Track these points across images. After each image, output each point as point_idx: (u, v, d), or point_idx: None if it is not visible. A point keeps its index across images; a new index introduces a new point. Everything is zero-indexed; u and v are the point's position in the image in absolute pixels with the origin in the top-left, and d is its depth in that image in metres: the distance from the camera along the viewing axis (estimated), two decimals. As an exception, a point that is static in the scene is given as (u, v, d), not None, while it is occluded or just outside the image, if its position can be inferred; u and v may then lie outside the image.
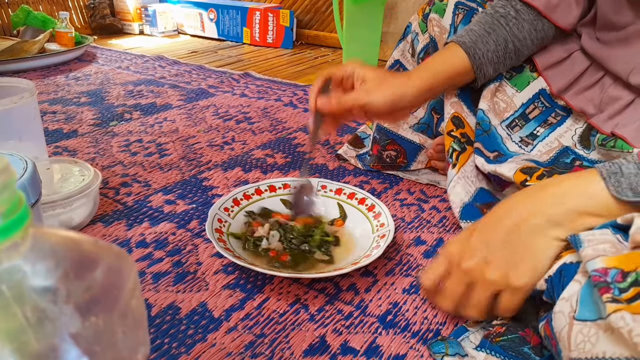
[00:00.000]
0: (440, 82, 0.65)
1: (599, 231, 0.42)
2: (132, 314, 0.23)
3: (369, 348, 0.50)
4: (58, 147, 0.98)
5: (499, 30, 0.64)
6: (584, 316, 0.37)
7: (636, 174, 0.42)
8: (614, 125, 0.57)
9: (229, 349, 0.49)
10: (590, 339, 0.36)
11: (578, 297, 0.38)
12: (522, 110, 0.66)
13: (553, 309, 0.41)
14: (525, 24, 0.63)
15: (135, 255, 0.64)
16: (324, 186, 0.73)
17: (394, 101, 0.63)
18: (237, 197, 0.70)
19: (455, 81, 0.66)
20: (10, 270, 0.20)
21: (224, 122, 1.15)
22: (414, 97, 0.64)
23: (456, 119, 0.68)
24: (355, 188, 0.72)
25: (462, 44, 0.64)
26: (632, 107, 0.57)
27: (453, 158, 0.68)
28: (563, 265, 0.43)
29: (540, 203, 0.46)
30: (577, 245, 0.41)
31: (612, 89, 0.59)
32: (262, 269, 0.56)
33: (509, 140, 0.66)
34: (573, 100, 0.63)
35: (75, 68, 1.62)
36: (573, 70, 0.64)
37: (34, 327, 0.20)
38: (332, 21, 2.00)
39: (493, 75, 0.67)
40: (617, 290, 0.35)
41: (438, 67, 0.65)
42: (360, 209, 0.69)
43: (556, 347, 0.40)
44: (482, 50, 0.63)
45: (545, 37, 0.65)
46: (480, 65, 0.64)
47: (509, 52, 0.64)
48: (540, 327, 0.45)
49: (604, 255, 0.38)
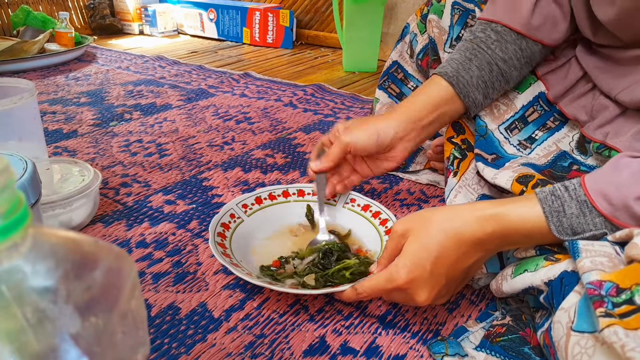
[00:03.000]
0: (426, 112, 0.63)
1: (598, 242, 0.42)
2: (132, 314, 0.24)
3: (368, 348, 0.50)
4: (58, 148, 0.98)
5: (481, 55, 0.62)
6: (581, 327, 0.37)
7: (578, 215, 0.43)
8: (604, 134, 0.56)
9: (229, 349, 0.50)
10: (587, 351, 0.36)
11: (576, 309, 0.39)
12: (522, 113, 0.66)
13: (552, 318, 0.41)
14: (509, 45, 0.61)
15: (135, 256, 0.64)
16: (353, 199, 0.70)
17: (377, 135, 0.62)
18: (241, 205, 0.68)
19: (444, 110, 0.64)
20: (10, 271, 0.20)
21: (224, 122, 1.15)
22: (398, 129, 0.63)
23: (457, 125, 0.68)
24: (381, 206, 0.67)
25: (444, 74, 0.63)
26: (623, 118, 0.56)
27: (454, 166, 0.66)
28: (564, 273, 0.43)
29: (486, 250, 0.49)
30: (574, 253, 0.41)
31: (602, 98, 0.59)
32: (259, 282, 0.53)
33: (506, 143, 0.65)
34: (567, 108, 0.63)
35: (75, 68, 1.62)
36: (568, 77, 0.63)
37: (34, 327, 0.20)
38: (332, 21, 2.00)
39: (485, 102, 0.65)
40: (610, 305, 0.35)
41: (421, 98, 0.64)
42: (379, 230, 0.65)
43: (555, 356, 0.40)
44: (465, 78, 0.62)
45: (532, 54, 0.63)
46: (466, 93, 0.62)
47: (495, 75, 0.62)
48: (539, 335, 0.45)
49: (601, 270, 0.38)
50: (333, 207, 0.70)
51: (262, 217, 0.68)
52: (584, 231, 0.43)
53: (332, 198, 0.70)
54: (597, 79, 0.59)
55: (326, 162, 0.64)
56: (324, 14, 2.05)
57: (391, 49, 1.40)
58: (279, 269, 0.60)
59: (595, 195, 0.43)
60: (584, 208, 0.43)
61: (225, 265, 0.54)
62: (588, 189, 0.43)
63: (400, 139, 0.64)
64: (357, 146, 0.63)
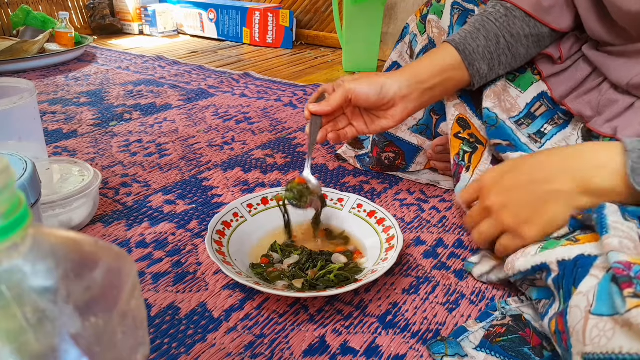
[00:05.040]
0: (431, 74, 0.64)
1: (626, 223, 0.42)
2: (132, 314, 0.23)
3: (368, 348, 0.50)
4: (58, 147, 0.98)
5: (489, 26, 0.64)
6: (600, 311, 0.37)
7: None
8: (614, 128, 0.57)
9: (229, 349, 0.49)
10: (607, 334, 0.36)
11: (595, 292, 0.38)
12: (527, 110, 0.66)
13: (569, 302, 0.40)
14: (517, 20, 0.63)
15: (135, 256, 0.64)
16: (360, 205, 0.69)
17: (380, 87, 0.63)
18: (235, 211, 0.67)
19: (450, 75, 0.65)
20: (10, 271, 0.20)
21: (224, 122, 1.15)
22: (402, 86, 0.63)
23: (461, 121, 0.68)
24: (387, 214, 0.66)
25: (452, 41, 0.65)
26: (632, 111, 0.57)
27: (465, 160, 0.66)
28: (580, 256, 0.42)
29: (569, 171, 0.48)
30: (602, 229, 0.41)
31: (610, 93, 0.59)
32: (258, 287, 0.53)
33: (519, 132, 0.65)
34: (572, 104, 0.63)
35: (75, 68, 1.62)
36: (575, 77, 0.64)
37: (34, 327, 0.20)
38: (332, 21, 2.00)
39: (490, 75, 0.65)
40: (639, 287, 0.35)
41: (427, 61, 0.65)
42: (380, 236, 0.65)
43: (567, 342, 0.40)
44: (472, 46, 0.63)
45: (540, 35, 0.64)
46: (472, 61, 0.64)
47: (502, 48, 0.63)
48: (546, 322, 0.45)
49: (628, 254, 0.38)
50: (339, 211, 0.70)
51: (266, 218, 0.68)
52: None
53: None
54: (608, 69, 0.59)
55: (326, 105, 0.64)
56: (324, 14, 2.05)
57: (391, 49, 1.40)
58: (268, 266, 0.61)
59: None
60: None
61: (216, 262, 0.55)
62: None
63: (402, 97, 0.64)
64: (359, 94, 0.63)
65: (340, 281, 0.57)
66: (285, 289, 0.56)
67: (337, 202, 0.71)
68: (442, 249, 0.68)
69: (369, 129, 0.67)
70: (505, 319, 0.52)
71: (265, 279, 0.58)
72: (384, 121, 0.66)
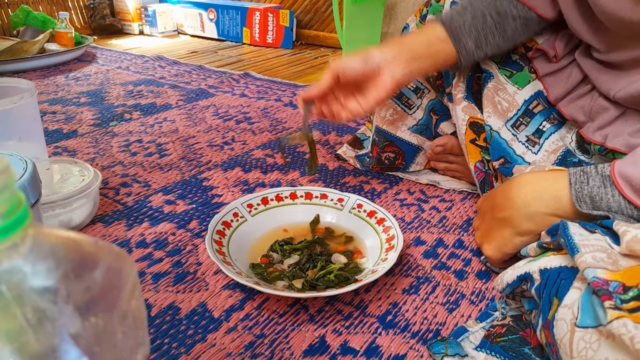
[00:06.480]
0: (418, 45, 0.64)
1: (592, 236, 0.42)
2: (132, 314, 0.23)
3: (368, 348, 0.50)
4: (58, 147, 0.98)
5: (475, 4, 0.64)
6: (585, 323, 0.37)
7: (599, 187, 0.47)
8: (604, 136, 0.57)
9: (229, 349, 0.49)
10: (592, 346, 0.36)
11: (579, 304, 0.38)
12: (526, 107, 0.66)
13: (555, 316, 0.41)
14: (504, 1, 0.63)
15: (135, 256, 0.64)
16: (360, 205, 0.69)
17: (365, 58, 0.63)
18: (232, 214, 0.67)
19: (438, 48, 0.65)
20: (10, 271, 0.20)
21: (224, 122, 1.15)
22: (387, 53, 0.63)
23: (474, 125, 0.68)
24: (387, 214, 0.66)
25: (439, 18, 0.66)
26: (622, 119, 0.57)
27: (492, 169, 0.68)
28: (564, 268, 0.43)
29: (520, 199, 0.54)
30: (572, 249, 0.41)
31: (601, 100, 0.59)
32: (258, 287, 0.52)
33: (515, 142, 0.65)
34: (566, 109, 0.63)
35: (75, 68, 1.62)
36: (570, 79, 0.64)
37: (34, 327, 0.20)
38: (332, 21, 2.00)
39: (478, 53, 0.65)
40: (618, 300, 0.35)
41: (414, 34, 0.67)
42: (381, 238, 0.64)
43: (557, 354, 0.40)
44: (458, 22, 0.64)
45: (528, 18, 0.63)
46: (458, 36, 0.64)
47: (489, 26, 0.64)
48: (538, 332, 0.45)
49: (604, 268, 0.38)
50: (339, 211, 0.70)
51: (266, 218, 0.68)
52: (601, 200, 0.47)
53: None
54: (596, 80, 0.60)
55: (315, 87, 0.66)
56: (324, 14, 2.05)
57: (391, 49, 1.39)
58: (268, 266, 0.61)
59: (618, 175, 0.46)
60: (606, 181, 0.47)
61: (216, 262, 0.55)
62: (615, 168, 0.47)
63: (388, 63, 0.63)
64: (345, 67, 0.63)
65: (340, 281, 0.57)
66: (285, 289, 0.56)
67: (337, 202, 0.71)
68: (442, 249, 0.68)
69: (363, 107, 0.65)
70: (505, 319, 0.52)
71: (265, 279, 0.58)
72: (374, 92, 0.64)
